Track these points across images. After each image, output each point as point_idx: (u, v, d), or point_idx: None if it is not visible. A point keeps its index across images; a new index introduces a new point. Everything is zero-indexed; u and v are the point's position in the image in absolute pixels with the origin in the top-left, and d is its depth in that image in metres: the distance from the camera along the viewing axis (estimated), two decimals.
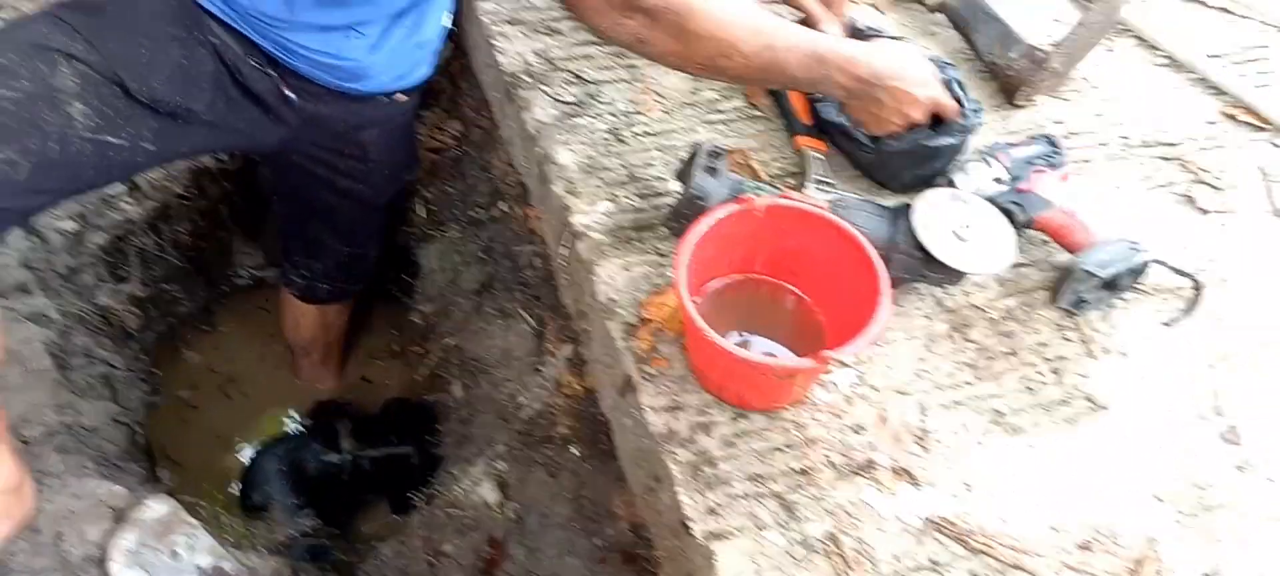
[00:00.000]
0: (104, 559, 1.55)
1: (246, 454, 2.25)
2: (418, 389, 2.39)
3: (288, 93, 1.51)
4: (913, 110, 1.38)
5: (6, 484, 1.45)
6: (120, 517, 1.60)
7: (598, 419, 1.55)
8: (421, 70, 1.67)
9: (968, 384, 1.36)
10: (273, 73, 1.47)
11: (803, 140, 1.60)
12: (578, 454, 1.64)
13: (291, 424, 2.36)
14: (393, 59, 1.56)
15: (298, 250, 2.07)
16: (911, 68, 1.37)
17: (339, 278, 2.11)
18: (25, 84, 1.20)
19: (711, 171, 1.37)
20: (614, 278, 1.41)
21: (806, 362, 1.17)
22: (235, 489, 2.18)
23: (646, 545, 1.41)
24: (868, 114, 1.40)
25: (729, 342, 1.18)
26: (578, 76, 1.67)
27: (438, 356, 2.15)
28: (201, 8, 1.38)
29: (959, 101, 1.46)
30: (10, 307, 1.80)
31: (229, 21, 1.40)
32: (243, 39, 1.42)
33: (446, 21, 1.66)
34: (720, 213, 1.27)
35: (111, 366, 2.01)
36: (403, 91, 1.68)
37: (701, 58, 1.29)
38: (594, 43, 1.73)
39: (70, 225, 1.93)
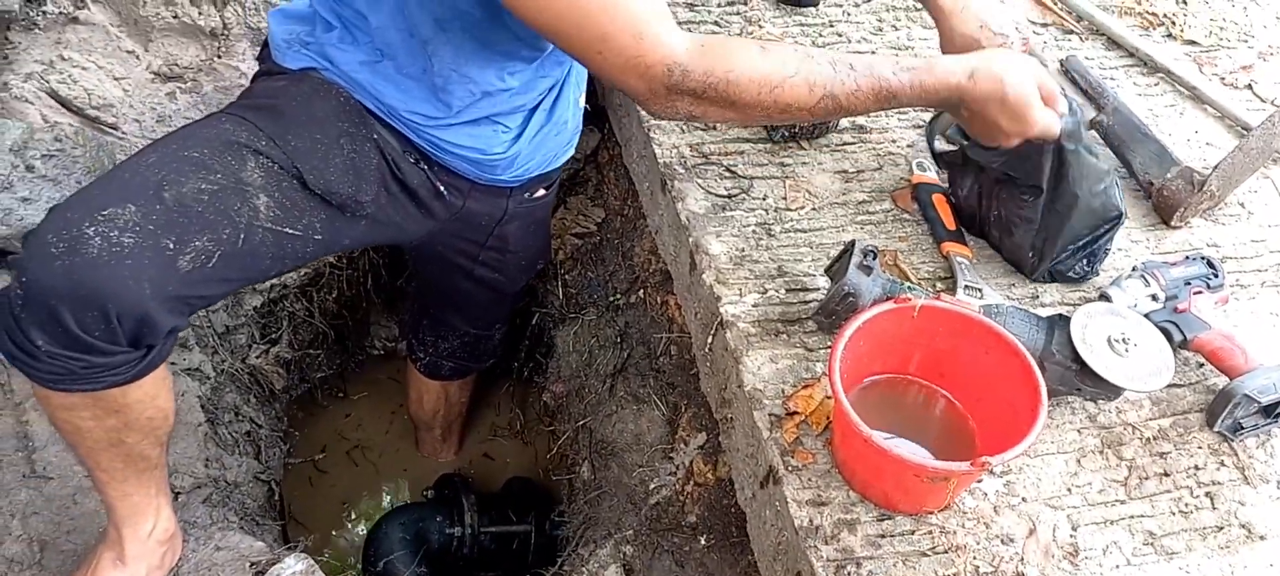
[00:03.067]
0: None
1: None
2: (542, 467, 2.42)
3: (440, 188, 1.58)
4: (1017, 128, 1.31)
5: (164, 533, 1.52)
6: (260, 572, 1.64)
7: (730, 509, 1.55)
8: (565, 153, 1.74)
9: (1119, 502, 1.34)
10: (426, 168, 1.55)
11: (949, 246, 1.61)
12: (706, 544, 1.63)
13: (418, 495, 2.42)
14: (535, 146, 1.62)
15: (426, 329, 2.14)
16: (1010, 86, 1.28)
17: (463, 357, 2.17)
18: (218, 177, 1.27)
19: (866, 269, 1.38)
20: (760, 368, 1.42)
21: (962, 466, 1.16)
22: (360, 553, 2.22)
23: None
24: (972, 124, 1.36)
25: (882, 439, 1.18)
26: (731, 171, 1.71)
27: (568, 436, 2.18)
28: (365, 106, 1.46)
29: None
30: (170, 362, 1.88)
31: (387, 119, 1.48)
32: (400, 136, 1.50)
33: (582, 102, 1.72)
34: (877, 310, 1.28)
35: (256, 424, 2.08)
36: (545, 185, 1.75)
37: (759, 119, 1.30)
38: (747, 138, 1.77)
39: None
